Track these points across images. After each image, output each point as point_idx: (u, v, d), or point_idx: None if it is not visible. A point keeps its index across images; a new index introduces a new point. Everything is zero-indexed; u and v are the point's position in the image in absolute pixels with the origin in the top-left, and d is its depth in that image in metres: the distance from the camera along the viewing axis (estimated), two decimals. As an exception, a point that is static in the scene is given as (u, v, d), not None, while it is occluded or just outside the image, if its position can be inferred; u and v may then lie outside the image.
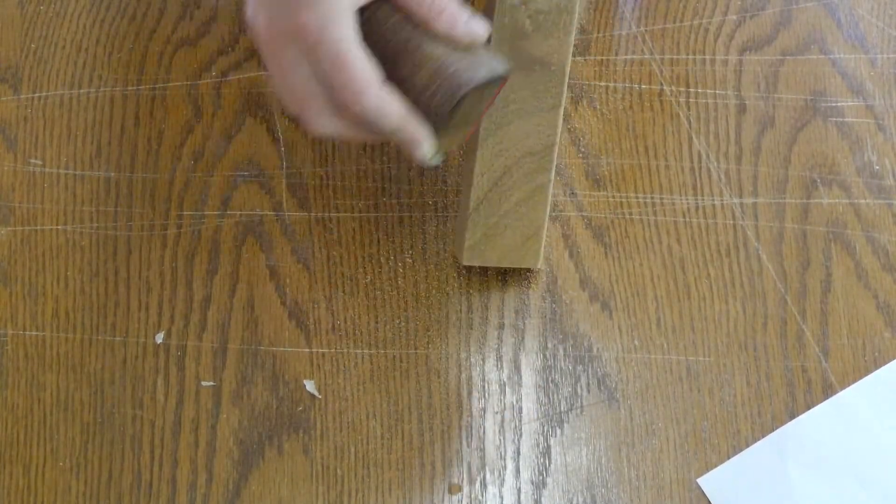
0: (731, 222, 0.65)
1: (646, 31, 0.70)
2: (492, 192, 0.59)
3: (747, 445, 0.60)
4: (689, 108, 0.68)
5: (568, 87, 0.57)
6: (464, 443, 0.60)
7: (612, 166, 0.67)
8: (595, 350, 0.62)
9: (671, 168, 0.66)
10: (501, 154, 0.58)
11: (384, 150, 0.67)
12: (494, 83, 0.53)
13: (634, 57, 0.69)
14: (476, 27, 0.52)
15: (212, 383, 0.61)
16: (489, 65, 0.52)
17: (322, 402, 0.61)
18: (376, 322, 0.63)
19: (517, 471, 0.60)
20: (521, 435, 0.60)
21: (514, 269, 0.64)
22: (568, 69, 0.57)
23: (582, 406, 0.61)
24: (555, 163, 0.59)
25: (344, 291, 0.64)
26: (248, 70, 0.69)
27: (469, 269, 0.64)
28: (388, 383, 0.62)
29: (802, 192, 0.66)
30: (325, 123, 0.53)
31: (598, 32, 0.70)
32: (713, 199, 0.66)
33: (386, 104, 0.51)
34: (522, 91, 0.57)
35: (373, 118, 0.51)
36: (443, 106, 0.51)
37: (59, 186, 0.66)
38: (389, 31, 0.52)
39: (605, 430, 0.61)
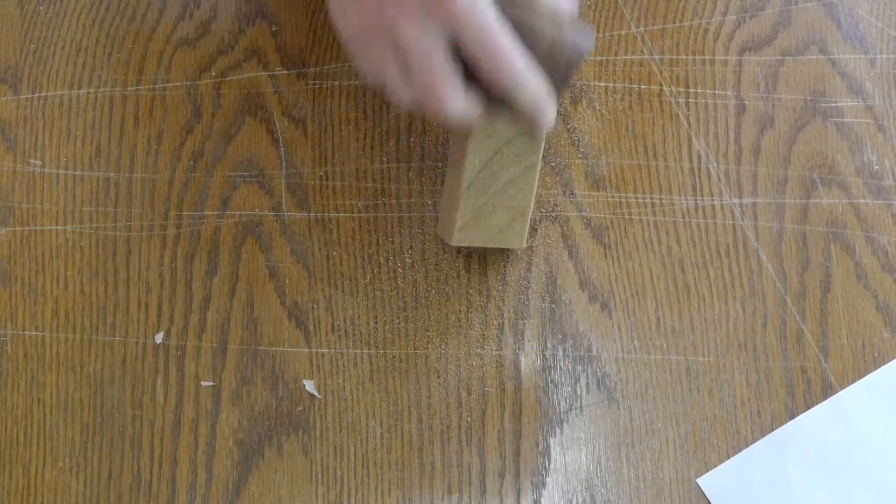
0: (731, 222, 0.65)
1: (645, 31, 0.70)
2: (483, 172, 0.59)
3: (747, 445, 0.60)
4: (688, 109, 0.68)
5: (567, 86, 0.57)
6: (463, 443, 0.60)
7: (611, 166, 0.67)
8: (594, 350, 0.62)
9: (671, 168, 0.67)
10: (494, 134, 0.58)
11: (384, 150, 0.67)
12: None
13: (634, 57, 0.69)
14: (574, 5, 0.56)
15: (211, 383, 0.61)
16: (588, 35, 0.56)
17: (322, 402, 0.61)
18: (376, 322, 0.63)
19: (517, 471, 0.60)
20: (520, 435, 0.60)
21: (514, 268, 0.64)
22: None
23: (581, 406, 0.61)
24: (543, 143, 0.59)
25: (343, 291, 0.64)
26: (247, 70, 0.69)
27: (469, 268, 0.64)
28: (387, 383, 0.62)
29: (802, 192, 0.66)
30: (458, 103, 0.54)
31: (598, 32, 0.70)
32: (713, 200, 0.66)
33: (529, 73, 0.53)
34: None
35: (517, 88, 0.53)
36: (566, 74, 0.55)
37: (59, 187, 0.66)
38: (501, 7, 0.54)
39: (604, 430, 0.61)
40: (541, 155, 0.59)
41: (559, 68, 0.55)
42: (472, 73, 0.54)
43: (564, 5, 0.55)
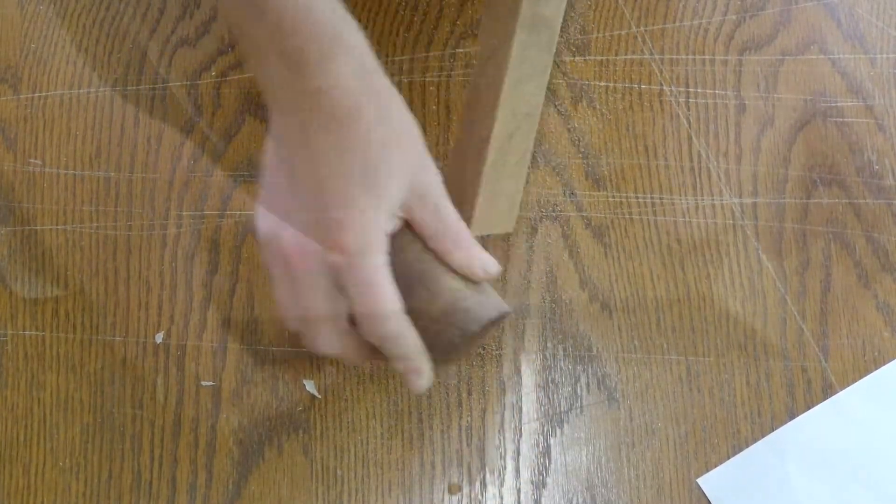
0: (731, 222, 0.65)
1: (645, 31, 0.70)
2: (498, 156, 0.57)
3: (747, 445, 0.60)
4: (688, 108, 0.68)
5: (568, 86, 0.57)
6: (463, 443, 0.60)
7: (611, 166, 0.67)
8: (595, 350, 0.62)
9: (671, 168, 0.67)
10: (514, 115, 0.57)
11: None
12: (496, 322, 0.54)
13: (634, 57, 0.69)
14: (490, 266, 0.53)
15: (211, 383, 0.61)
16: (496, 305, 0.53)
17: (322, 402, 0.61)
18: (376, 322, 0.63)
19: (517, 471, 0.60)
20: (520, 435, 0.60)
21: (514, 268, 0.64)
22: (558, 30, 0.56)
23: (582, 406, 0.61)
24: (536, 128, 0.58)
25: (344, 291, 0.63)
26: (247, 70, 0.69)
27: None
28: (387, 383, 0.62)
29: (802, 191, 0.66)
30: (330, 343, 0.53)
31: (598, 32, 0.70)
32: (713, 199, 0.66)
33: (404, 334, 0.52)
34: (531, 50, 0.56)
35: (387, 345, 0.52)
36: (451, 342, 0.52)
37: (59, 186, 0.66)
38: (409, 259, 0.52)
39: (604, 430, 0.61)
40: (534, 133, 0.58)
41: (443, 339, 0.52)
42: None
43: (480, 270, 0.53)
